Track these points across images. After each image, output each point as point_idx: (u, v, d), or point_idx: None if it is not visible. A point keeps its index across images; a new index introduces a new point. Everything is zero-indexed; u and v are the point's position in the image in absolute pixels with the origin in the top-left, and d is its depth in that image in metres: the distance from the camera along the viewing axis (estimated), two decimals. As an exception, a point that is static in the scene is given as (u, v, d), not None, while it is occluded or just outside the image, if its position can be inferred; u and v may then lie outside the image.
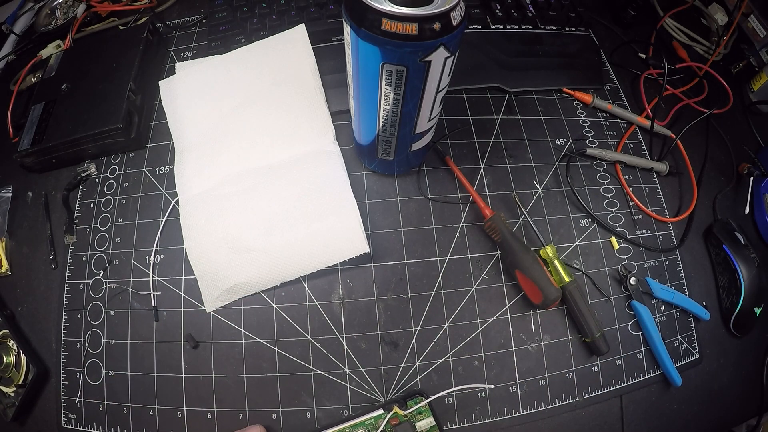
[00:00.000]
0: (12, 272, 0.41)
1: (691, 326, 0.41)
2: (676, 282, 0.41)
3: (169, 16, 0.53)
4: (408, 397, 0.34)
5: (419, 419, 0.33)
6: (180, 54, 0.49)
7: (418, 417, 0.33)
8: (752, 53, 0.56)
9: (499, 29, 0.49)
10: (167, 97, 0.43)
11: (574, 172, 0.43)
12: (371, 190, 0.41)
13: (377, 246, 0.39)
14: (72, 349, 0.38)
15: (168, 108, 0.42)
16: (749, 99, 0.54)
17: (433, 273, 0.38)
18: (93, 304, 0.38)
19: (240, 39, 0.45)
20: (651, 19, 0.56)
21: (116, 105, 0.41)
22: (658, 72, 0.51)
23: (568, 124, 0.46)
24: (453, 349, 0.37)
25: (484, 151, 0.43)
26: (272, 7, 0.48)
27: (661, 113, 0.49)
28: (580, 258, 0.40)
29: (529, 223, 0.39)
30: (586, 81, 0.49)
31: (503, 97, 0.46)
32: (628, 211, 0.43)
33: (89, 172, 0.43)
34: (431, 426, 0.33)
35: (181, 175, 0.40)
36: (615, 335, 0.39)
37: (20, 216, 0.43)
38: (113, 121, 0.40)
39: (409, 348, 0.36)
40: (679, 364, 0.39)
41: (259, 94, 0.41)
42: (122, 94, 0.41)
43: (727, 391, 0.41)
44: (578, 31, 0.52)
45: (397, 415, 0.32)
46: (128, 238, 0.40)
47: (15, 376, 0.36)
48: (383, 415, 0.32)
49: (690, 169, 0.46)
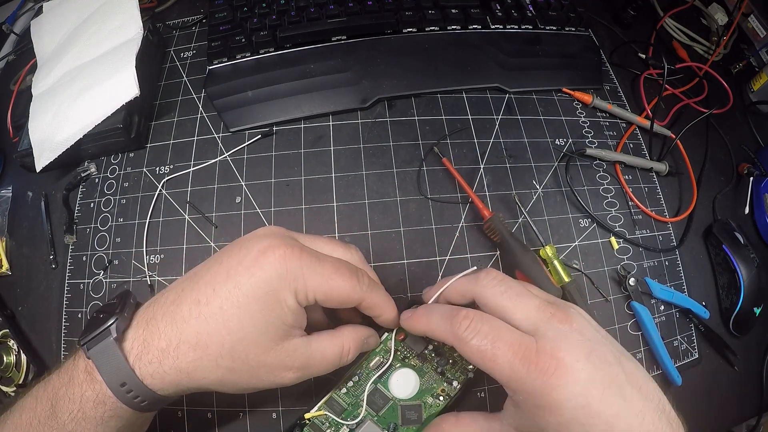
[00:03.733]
0: (12, 272, 0.41)
1: (691, 326, 0.41)
2: (676, 282, 0.41)
3: (169, 16, 0.53)
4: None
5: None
6: (180, 54, 0.49)
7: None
8: (752, 53, 0.56)
9: (499, 29, 0.49)
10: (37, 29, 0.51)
11: (574, 172, 0.43)
12: (371, 190, 0.41)
13: (377, 246, 0.39)
14: (72, 349, 0.38)
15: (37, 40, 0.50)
16: (749, 99, 0.54)
17: (432, 273, 0.38)
18: (93, 304, 0.38)
19: (240, 39, 0.45)
20: (651, 19, 0.56)
21: (116, 105, 0.41)
22: (658, 72, 0.51)
23: (567, 124, 0.46)
24: (453, 349, 0.36)
25: (483, 151, 0.43)
26: (272, 7, 0.48)
27: (660, 113, 0.49)
28: (579, 258, 0.40)
29: (529, 223, 0.39)
30: (586, 81, 0.49)
31: (503, 97, 0.46)
32: (627, 211, 0.43)
33: (89, 172, 0.43)
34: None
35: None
36: (614, 335, 0.38)
37: (20, 216, 0.43)
38: (113, 121, 0.40)
39: (409, 348, 0.36)
40: (679, 364, 0.39)
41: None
42: (122, 94, 0.41)
43: (726, 391, 0.41)
44: (578, 31, 0.52)
45: (402, 330, 0.31)
46: (128, 238, 0.40)
47: (15, 376, 0.37)
48: (388, 336, 0.32)
49: (690, 169, 0.46)
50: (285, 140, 0.43)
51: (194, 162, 0.42)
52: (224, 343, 0.23)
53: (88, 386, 0.23)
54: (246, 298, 0.23)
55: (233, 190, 0.41)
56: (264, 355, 0.24)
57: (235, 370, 0.24)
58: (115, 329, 0.24)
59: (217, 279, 0.24)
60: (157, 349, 0.23)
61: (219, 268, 0.25)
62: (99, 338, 0.23)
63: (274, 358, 0.24)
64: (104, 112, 0.40)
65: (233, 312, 0.23)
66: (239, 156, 0.42)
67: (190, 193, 0.41)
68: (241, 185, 0.41)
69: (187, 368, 0.24)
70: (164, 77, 0.48)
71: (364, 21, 0.47)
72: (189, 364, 0.23)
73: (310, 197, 0.40)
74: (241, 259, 0.24)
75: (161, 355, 0.23)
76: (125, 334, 0.24)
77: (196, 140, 0.43)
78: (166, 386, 0.24)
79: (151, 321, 0.24)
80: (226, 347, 0.23)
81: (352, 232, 0.39)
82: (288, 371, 0.25)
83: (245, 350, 0.24)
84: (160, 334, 0.24)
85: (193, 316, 0.24)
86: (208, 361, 0.24)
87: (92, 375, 0.23)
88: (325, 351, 0.26)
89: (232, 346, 0.23)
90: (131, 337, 0.24)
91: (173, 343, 0.23)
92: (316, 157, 0.42)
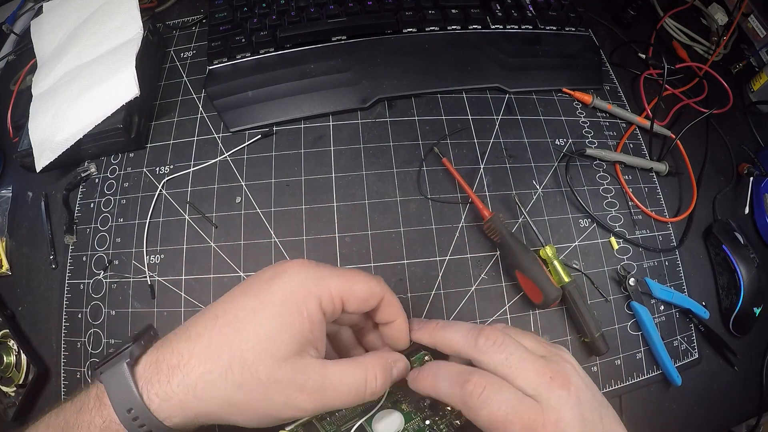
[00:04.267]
0: (12, 272, 0.41)
1: (691, 326, 0.41)
2: (676, 282, 0.41)
3: (169, 16, 0.53)
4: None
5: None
6: (180, 54, 0.49)
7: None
8: (752, 53, 0.56)
9: (499, 29, 0.49)
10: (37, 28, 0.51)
11: (574, 173, 0.43)
12: (371, 190, 0.41)
13: (377, 246, 0.39)
14: (72, 349, 0.38)
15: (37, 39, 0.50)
16: (749, 99, 0.54)
17: (432, 273, 0.38)
18: (93, 304, 0.38)
19: (240, 39, 0.45)
20: (651, 19, 0.56)
21: (116, 105, 0.41)
22: (658, 72, 0.51)
23: (567, 124, 0.46)
24: (453, 349, 0.37)
25: (483, 152, 0.43)
26: (272, 7, 0.48)
27: (660, 113, 0.49)
28: (579, 258, 0.40)
29: (529, 223, 0.39)
30: (586, 81, 0.49)
31: (503, 97, 0.46)
32: (627, 212, 0.43)
33: (89, 172, 0.43)
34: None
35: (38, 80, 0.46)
36: (614, 335, 0.39)
37: (20, 216, 0.43)
38: (113, 121, 0.40)
39: (409, 348, 0.36)
40: (679, 364, 0.39)
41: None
42: (122, 94, 0.41)
43: (726, 391, 0.41)
44: (578, 31, 0.52)
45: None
46: (128, 238, 0.40)
47: (15, 376, 0.37)
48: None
49: (690, 169, 0.46)
50: (285, 140, 0.43)
51: (194, 162, 0.42)
52: (235, 351, 0.23)
53: (97, 412, 0.23)
54: (263, 303, 0.23)
55: (233, 190, 0.41)
56: (275, 368, 0.23)
57: (244, 385, 0.23)
58: (129, 353, 0.23)
59: (234, 293, 0.25)
60: (168, 366, 0.23)
61: (237, 288, 0.25)
62: (113, 363, 0.23)
63: (285, 373, 0.23)
64: (104, 112, 0.40)
65: (249, 318, 0.23)
66: (239, 156, 0.42)
67: (190, 193, 0.41)
68: (241, 185, 0.41)
69: (195, 384, 0.23)
70: (164, 77, 0.48)
71: (364, 21, 0.47)
72: (197, 378, 0.23)
73: (310, 197, 0.40)
74: (260, 275, 0.25)
75: (170, 372, 0.23)
76: (140, 359, 0.24)
77: (196, 140, 0.43)
78: (172, 411, 0.23)
79: (165, 342, 0.24)
80: (237, 355, 0.23)
81: (352, 232, 0.39)
82: (301, 392, 0.23)
83: (256, 360, 0.23)
84: (172, 350, 0.24)
85: (208, 329, 0.24)
86: (217, 374, 0.23)
87: (102, 400, 0.23)
88: (344, 375, 0.25)
89: (243, 354, 0.23)
90: (145, 360, 0.24)
91: (184, 358, 0.23)
92: (316, 157, 0.42)
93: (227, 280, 0.38)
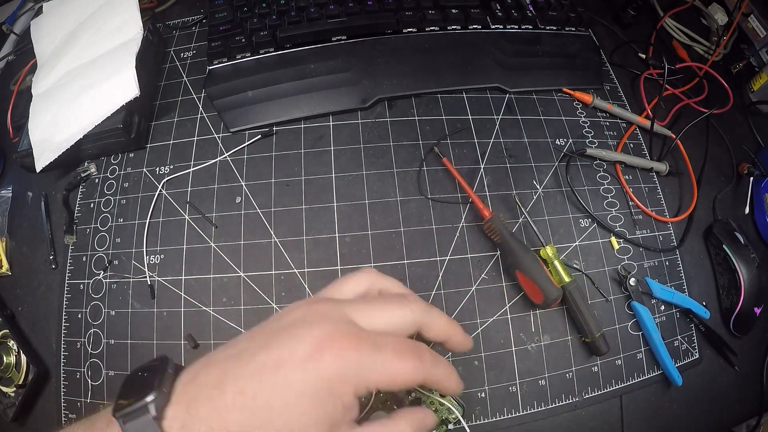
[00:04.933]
0: (12, 272, 0.41)
1: (691, 326, 0.41)
2: (676, 282, 0.41)
3: (169, 16, 0.53)
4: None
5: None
6: (180, 54, 0.49)
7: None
8: (752, 53, 0.56)
9: (499, 29, 0.49)
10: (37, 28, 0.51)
11: (574, 173, 0.43)
12: (371, 190, 0.41)
13: (377, 246, 0.39)
14: (72, 349, 0.38)
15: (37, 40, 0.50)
16: (749, 99, 0.54)
17: (433, 273, 0.38)
18: (93, 304, 0.38)
19: (240, 39, 0.45)
20: (651, 19, 0.56)
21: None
22: (658, 72, 0.51)
23: (568, 124, 0.46)
24: (453, 349, 0.36)
25: (484, 151, 0.43)
26: (272, 7, 0.48)
27: (661, 113, 0.49)
28: (579, 258, 0.40)
29: (529, 223, 0.39)
30: (586, 81, 0.49)
31: (503, 97, 0.46)
32: (627, 211, 0.43)
33: (89, 172, 0.43)
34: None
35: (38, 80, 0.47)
36: (615, 335, 0.39)
37: (20, 216, 0.43)
38: (113, 121, 0.40)
39: (409, 348, 0.36)
40: (679, 364, 0.39)
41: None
42: (122, 94, 0.41)
43: (727, 391, 0.41)
44: (578, 31, 0.52)
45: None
46: (128, 238, 0.40)
47: (15, 376, 0.36)
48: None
49: (690, 169, 0.46)
50: (285, 140, 0.43)
51: (194, 162, 0.42)
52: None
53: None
54: (297, 395, 0.22)
55: (233, 190, 0.41)
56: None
57: None
58: (154, 408, 0.22)
59: (264, 370, 0.23)
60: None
61: (266, 358, 0.23)
62: (136, 414, 0.22)
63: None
64: (104, 112, 0.40)
65: (282, 410, 0.22)
66: (239, 156, 0.42)
67: (190, 193, 0.41)
68: (241, 185, 0.41)
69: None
70: (164, 77, 0.48)
71: (364, 21, 0.47)
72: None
73: (311, 197, 0.40)
74: (292, 351, 0.23)
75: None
76: (164, 411, 0.23)
77: (196, 140, 0.43)
78: None
79: (192, 404, 0.23)
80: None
81: (352, 233, 0.39)
82: None
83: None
84: (201, 419, 0.22)
85: (237, 407, 0.22)
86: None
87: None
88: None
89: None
90: (170, 416, 0.23)
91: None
92: (317, 157, 0.42)
93: (227, 280, 0.38)
